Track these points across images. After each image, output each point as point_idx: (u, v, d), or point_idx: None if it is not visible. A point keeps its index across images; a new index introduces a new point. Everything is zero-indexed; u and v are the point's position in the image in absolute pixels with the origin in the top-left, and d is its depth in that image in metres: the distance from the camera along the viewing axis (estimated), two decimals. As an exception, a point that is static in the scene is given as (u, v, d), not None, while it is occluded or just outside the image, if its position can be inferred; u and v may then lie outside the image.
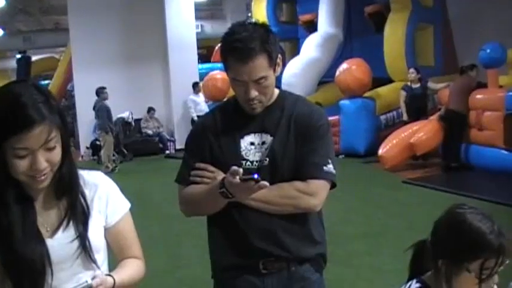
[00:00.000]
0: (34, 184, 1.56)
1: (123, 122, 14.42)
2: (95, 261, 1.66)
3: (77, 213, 1.65)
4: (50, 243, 1.59)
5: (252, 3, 17.55)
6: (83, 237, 1.63)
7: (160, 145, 14.85)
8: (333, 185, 2.11)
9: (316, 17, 14.90)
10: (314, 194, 2.04)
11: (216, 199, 1.98)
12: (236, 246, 2.13)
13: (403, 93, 10.76)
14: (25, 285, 1.55)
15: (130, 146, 14.30)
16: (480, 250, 1.62)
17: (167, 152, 14.62)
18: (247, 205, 2.02)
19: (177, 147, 14.61)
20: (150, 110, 14.98)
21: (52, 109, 1.53)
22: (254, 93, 2.03)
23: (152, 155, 14.28)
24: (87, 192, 1.70)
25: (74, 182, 1.66)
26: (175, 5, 14.88)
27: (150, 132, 14.91)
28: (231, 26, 2.12)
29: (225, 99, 11.83)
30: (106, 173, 1.86)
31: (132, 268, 1.75)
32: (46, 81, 22.63)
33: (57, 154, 1.56)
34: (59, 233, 1.62)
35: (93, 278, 1.58)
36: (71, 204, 1.65)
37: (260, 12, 16.47)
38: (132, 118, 14.69)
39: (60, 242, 1.61)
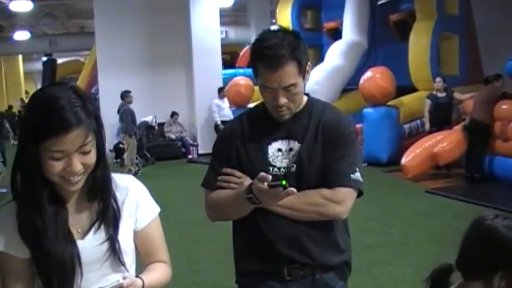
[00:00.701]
0: (67, 186, 1.58)
1: (147, 126, 14.50)
2: (123, 264, 1.68)
3: (108, 216, 1.67)
4: (81, 244, 1.62)
5: (277, 10, 17.60)
6: (113, 240, 1.66)
7: (183, 150, 14.89)
8: (360, 193, 2.12)
9: (341, 24, 14.88)
10: (340, 201, 2.05)
11: (243, 204, 2.00)
12: (261, 252, 2.14)
13: (428, 102, 10.68)
14: (54, 284, 1.58)
15: (153, 149, 14.37)
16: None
17: (189, 156, 14.65)
18: (274, 211, 2.03)
19: (200, 152, 14.65)
20: (174, 114, 15.04)
21: (89, 113, 1.55)
22: (283, 100, 2.04)
23: (175, 160, 14.32)
24: (118, 195, 1.72)
25: (107, 185, 1.69)
26: (200, 11, 14.94)
27: (173, 136, 14.96)
28: (261, 32, 2.14)
29: (249, 105, 11.92)
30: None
31: (159, 272, 1.78)
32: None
33: (92, 158, 1.58)
34: (90, 235, 1.65)
35: (124, 278, 1.60)
36: (103, 207, 1.67)
37: (284, 19, 16.50)
38: (155, 122, 14.76)
39: (90, 244, 1.64)
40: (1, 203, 1.70)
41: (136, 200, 1.76)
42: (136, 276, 1.70)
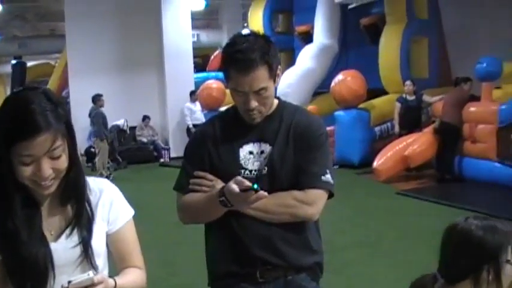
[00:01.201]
0: (40, 190, 1.59)
1: (118, 130, 14.41)
2: (96, 267, 1.67)
3: (82, 220, 1.67)
4: (54, 246, 1.62)
5: (248, 14, 17.64)
6: (86, 243, 1.66)
7: (155, 153, 14.83)
8: (331, 195, 2.14)
9: (312, 28, 14.97)
10: (312, 203, 2.07)
11: (215, 207, 2.00)
12: (234, 255, 2.15)
13: (398, 105, 10.81)
14: (27, 287, 1.57)
15: (125, 153, 14.28)
16: (489, 259, 1.69)
17: (161, 160, 14.60)
18: (246, 214, 2.04)
19: (172, 155, 14.61)
20: (145, 118, 14.97)
21: (59, 118, 1.55)
22: (254, 103, 2.06)
23: (147, 163, 14.26)
24: (91, 198, 1.72)
25: (81, 189, 1.69)
26: (172, 14, 14.93)
27: (144, 140, 14.89)
28: (232, 36, 2.15)
29: (221, 109, 11.91)
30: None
31: (133, 276, 1.76)
32: (41, 88, 22.63)
33: (62, 162, 1.58)
34: (63, 238, 1.65)
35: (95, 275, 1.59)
36: (76, 210, 1.67)
37: (256, 23, 16.55)
38: (127, 126, 14.68)
39: (63, 246, 1.64)
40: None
41: (109, 203, 1.75)
42: (110, 276, 1.67)
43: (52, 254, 1.61)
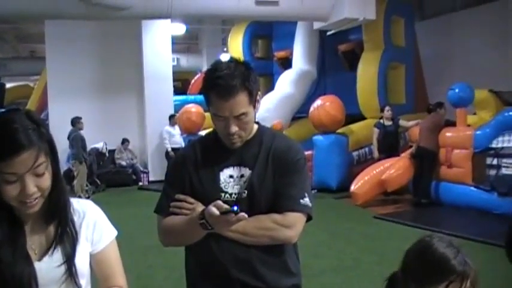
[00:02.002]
0: (25, 209, 1.61)
1: (97, 153, 14.35)
2: (79, 287, 1.71)
3: (65, 239, 1.70)
4: (38, 266, 1.64)
5: (228, 39, 17.78)
6: (70, 263, 1.69)
7: (134, 177, 14.76)
8: (309, 218, 2.18)
9: (291, 53, 15.14)
10: (291, 226, 2.11)
11: (195, 230, 2.02)
12: (213, 277, 2.17)
13: (376, 131, 10.93)
14: None
15: (104, 176, 14.21)
16: (444, 274, 1.69)
17: (140, 183, 14.54)
18: (226, 236, 2.08)
19: (151, 179, 14.57)
20: (125, 141, 14.92)
21: (41, 136, 1.59)
22: (234, 128, 2.11)
23: (125, 186, 14.18)
24: (75, 219, 1.76)
25: (64, 208, 1.72)
26: (152, 38, 14.97)
27: (123, 163, 14.83)
28: (213, 62, 2.20)
29: (200, 133, 11.89)
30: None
31: None
32: (19, 110, 22.47)
33: (46, 180, 1.61)
34: (47, 257, 1.67)
35: None
36: (60, 229, 1.70)
37: (236, 48, 16.68)
38: (106, 149, 14.63)
39: (47, 266, 1.66)
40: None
41: (93, 224, 1.79)
42: None
43: (36, 273, 1.62)
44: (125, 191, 13.80)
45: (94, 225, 1.79)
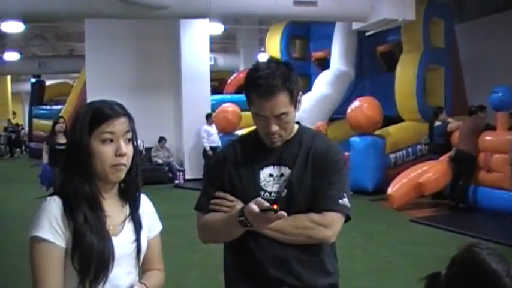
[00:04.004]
0: (113, 175, 1.82)
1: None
2: (139, 264, 1.95)
3: (136, 219, 1.92)
4: (114, 240, 1.82)
5: (266, 39, 17.79)
6: (139, 241, 1.91)
7: (170, 175, 14.88)
8: (347, 218, 2.19)
9: (329, 54, 15.10)
10: (329, 225, 2.12)
11: (234, 227, 2.06)
12: (251, 275, 2.19)
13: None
14: (91, 274, 1.74)
15: (140, 174, 14.31)
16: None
17: (176, 181, 14.63)
18: (264, 234, 2.10)
19: (187, 177, 14.68)
20: (162, 139, 15.06)
21: (126, 111, 1.87)
22: (275, 127, 2.13)
23: (161, 184, 14.29)
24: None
25: (138, 188, 1.96)
26: (190, 37, 15.04)
27: (160, 161, 14.96)
28: (255, 62, 2.24)
29: (236, 132, 11.90)
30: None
31: (157, 278, 2.04)
32: (58, 106, 22.88)
33: (131, 150, 1.86)
34: (122, 233, 1.87)
35: (132, 287, 1.83)
36: (133, 209, 1.94)
37: (273, 48, 16.69)
38: (143, 146, 14.76)
39: (122, 241, 1.85)
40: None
41: (150, 213, 2.05)
42: (142, 282, 1.92)
43: (114, 247, 1.80)
44: (161, 189, 13.88)
45: (151, 215, 2.05)
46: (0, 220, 9.76)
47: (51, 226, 1.72)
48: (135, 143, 1.87)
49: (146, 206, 2.02)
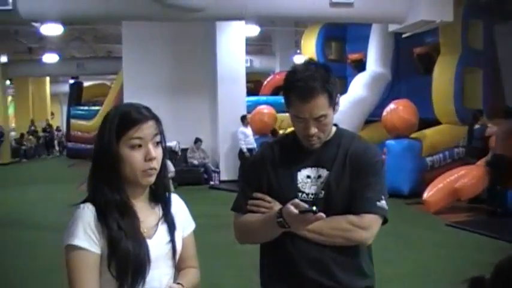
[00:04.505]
0: (144, 179, 1.82)
1: (170, 151, 14.61)
2: (175, 264, 1.96)
3: (169, 220, 1.94)
4: (149, 243, 1.83)
5: (302, 41, 17.78)
6: (173, 242, 1.92)
7: (205, 176, 14.95)
8: (385, 221, 2.19)
9: (365, 56, 15.02)
10: (367, 227, 2.12)
11: (272, 228, 2.07)
12: (287, 276, 2.20)
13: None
14: (128, 279, 1.75)
15: (176, 175, 14.41)
16: None
17: (211, 183, 14.70)
18: (301, 235, 2.10)
19: (222, 178, 14.75)
20: (197, 140, 15.15)
21: (155, 115, 1.87)
22: (314, 130, 2.14)
23: (196, 185, 14.37)
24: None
25: (168, 190, 1.98)
26: (227, 39, 15.09)
27: (195, 162, 15.05)
28: (294, 65, 2.24)
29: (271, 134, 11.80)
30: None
31: (192, 276, 2.06)
32: (96, 107, 23.20)
33: (161, 153, 1.86)
34: (156, 236, 1.88)
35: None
36: (165, 210, 1.94)
37: (309, 50, 16.68)
38: (179, 147, 14.89)
39: (157, 243, 1.86)
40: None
41: (183, 212, 2.06)
42: (178, 282, 1.93)
43: (149, 250, 1.81)
44: (196, 190, 13.97)
45: (184, 214, 2.07)
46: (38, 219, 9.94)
47: (86, 234, 1.73)
48: (163, 145, 1.87)
49: (178, 206, 2.04)
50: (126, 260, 1.73)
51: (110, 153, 1.77)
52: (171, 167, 7.72)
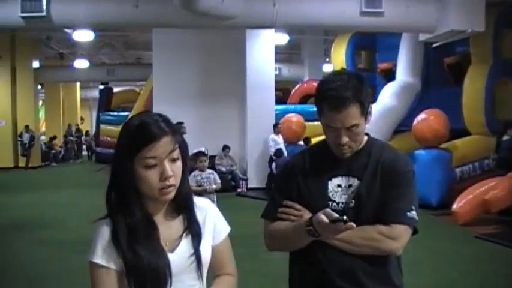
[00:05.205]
0: (161, 196, 1.78)
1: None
2: (203, 274, 1.89)
3: (194, 231, 1.88)
4: (171, 257, 1.80)
5: (331, 49, 17.76)
6: (198, 254, 1.86)
7: (233, 183, 14.95)
8: (415, 231, 2.17)
9: (395, 65, 14.96)
10: (396, 238, 2.10)
11: (301, 236, 2.06)
12: (317, 285, 2.20)
13: None
14: None
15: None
16: None
17: (239, 190, 14.70)
18: (330, 244, 2.10)
19: (250, 186, 14.73)
20: (225, 147, 15.17)
21: (172, 127, 1.79)
22: (345, 139, 2.14)
23: (224, 192, 14.33)
24: (198, 214, 1.94)
25: (191, 201, 1.92)
26: (256, 47, 15.09)
27: (223, 169, 15.04)
28: (326, 74, 2.24)
29: (299, 142, 11.86)
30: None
31: (227, 284, 2.00)
32: (125, 113, 23.43)
33: (179, 167, 1.80)
34: (179, 248, 1.84)
35: None
36: (188, 222, 1.89)
37: (338, 59, 16.65)
38: (207, 154, 14.90)
39: (179, 257, 1.82)
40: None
41: (213, 219, 1.98)
42: None
43: (170, 263, 1.78)
44: (223, 197, 13.83)
45: (214, 221, 1.98)
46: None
47: (104, 251, 1.74)
48: (183, 155, 1.82)
49: (209, 210, 1.98)
50: (144, 275, 1.72)
51: (125, 171, 1.75)
52: (217, 179, 7.73)
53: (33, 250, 8.18)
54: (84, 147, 29.53)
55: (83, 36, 17.88)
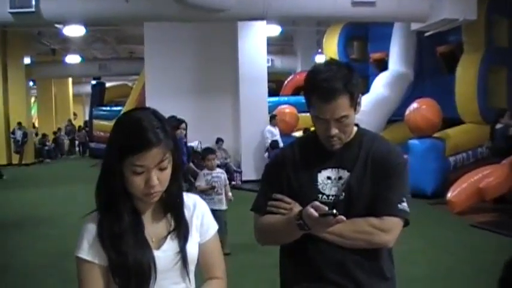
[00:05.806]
0: (146, 199, 1.77)
1: (192, 151, 14.63)
2: (189, 273, 1.86)
3: (181, 229, 1.85)
4: (156, 253, 1.78)
5: (323, 40, 17.72)
6: (184, 251, 1.83)
7: (227, 176, 14.91)
8: (406, 223, 2.15)
9: (387, 55, 14.94)
10: (388, 230, 2.08)
11: (292, 230, 2.03)
12: (309, 278, 2.17)
13: None
14: None
15: (196, 173, 14.44)
16: None
17: (233, 183, 14.65)
18: (322, 238, 2.07)
19: (244, 178, 14.71)
20: (219, 140, 15.13)
21: (167, 134, 1.74)
22: (334, 130, 2.11)
23: (218, 185, 14.34)
24: (186, 211, 1.91)
25: (181, 200, 1.89)
26: (248, 39, 15.02)
27: (217, 162, 15.02)
28: (315, 65, 2.21)
29: (293, 134, 11.83)
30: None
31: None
32: (118, 107, 23.35)
33: (167, 174, 1.76)
34: (165, 245, 1.82)
35: None
36: (176, 220, 1.87)
37: (331, 49, 16.63)
38: (200, 147, 14.87)
39: (165, 254, 1.80)
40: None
41: (201, 216, 1.94)
42: None
43: (156, 260, 1.76)
44: (217, 190, 13.95)
45: (202, 218, 1.94)
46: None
47: (91, 246, 1.74)
48: (176, 159, 1.79)
49: (197, 207, 1.94)
50: (128, 270, 1.71)
51: (114, 170, 1.73)
52: (227, 180, 7.73)
53: (34, 245, 8.18)
54: (76, 143, 29.41)
55: (74, 31, 17.72)
